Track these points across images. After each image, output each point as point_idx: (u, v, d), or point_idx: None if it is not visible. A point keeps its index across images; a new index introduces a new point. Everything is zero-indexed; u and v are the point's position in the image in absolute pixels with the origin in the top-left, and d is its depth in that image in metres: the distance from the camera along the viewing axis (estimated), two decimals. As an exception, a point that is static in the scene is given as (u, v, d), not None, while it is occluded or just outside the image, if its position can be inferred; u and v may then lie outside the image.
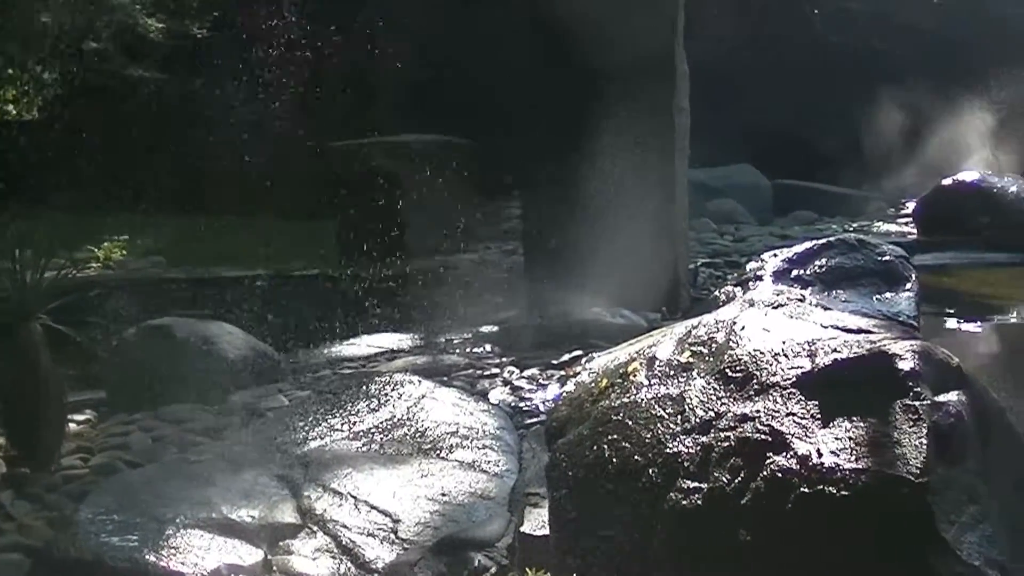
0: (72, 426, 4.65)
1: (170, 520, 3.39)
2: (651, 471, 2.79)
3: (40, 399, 4.16)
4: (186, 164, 13.04)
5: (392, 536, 3.40)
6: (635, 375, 3.20)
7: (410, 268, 8.83)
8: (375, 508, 3.56)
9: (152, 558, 3.18)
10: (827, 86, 15.11)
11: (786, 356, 2.82)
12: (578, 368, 4.32)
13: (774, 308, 3.30)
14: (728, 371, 2.91)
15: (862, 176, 14.40)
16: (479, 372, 5.52)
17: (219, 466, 3.94)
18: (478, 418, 4.48)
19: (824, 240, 5.56)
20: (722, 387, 2.87)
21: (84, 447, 4.46)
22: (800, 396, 2.66)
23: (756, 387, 2.78)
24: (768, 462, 2.53)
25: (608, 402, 3.18)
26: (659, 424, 2.89)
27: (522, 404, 4.87)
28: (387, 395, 4.62)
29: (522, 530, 3.34)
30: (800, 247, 5.49)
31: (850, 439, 2.47)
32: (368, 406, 4.53)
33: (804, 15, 16.80)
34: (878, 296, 5.07)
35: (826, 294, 4.93)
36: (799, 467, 2.47)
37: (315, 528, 3.48)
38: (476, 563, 3.32)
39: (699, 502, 2.63)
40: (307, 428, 4.36)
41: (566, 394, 3.76)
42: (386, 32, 12.59)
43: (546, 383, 5.13)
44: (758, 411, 2.68)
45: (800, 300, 3.76)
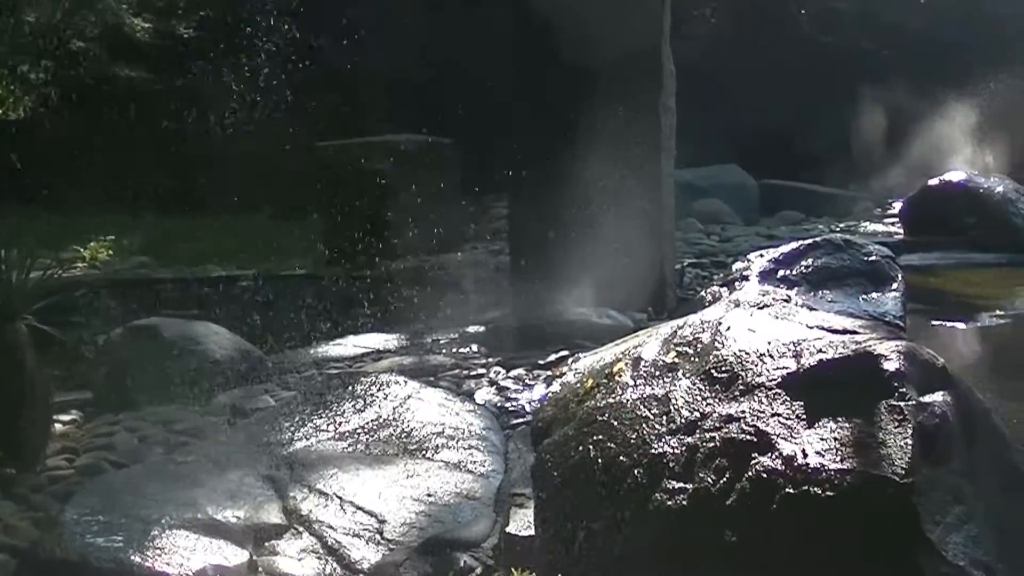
0: (58, 426, 4.63)
1: (155, 521, 3.37)
2: (636, 471, 2.79)
3: (26, 400, 4.14)
4: (173, 164, 13.04)
5: (378, 537, 3.39)
6: (621, 375, 3.20)
7: (396, 268, 8.84)
8: (361, 509, 3.55)
9: (137, 559, 3.16)
10: (814, 86, 15.15)
11: (771, 357, 2.82)
12: (564, 368, 4.32)
13: (760, 308, 3.30)
14: (713, 371, 2.91)
15: (849, 176, 14.44)
16: (465, 372, 5.52)
17: (205, 467, 3.92)
18: (464, 418, 4.47)
19: (810, 240, 5.59)
20: (707, 388, 2.87)
21: (70, 447, 4.44)
22: (785, 397, 2.65)
23: (741, 387, 2.78)
24: (753, 463, 2.53)
25: (593, 402, 3.18)
26: (644, 424, 2.89)
27: (508, 404, 4.86)
28: (373, 395, 4.61)
29: (508, 530, 3.34)
30: (786, 247, 5.53)
31: (835, 439, 2.46)
32: (354, 406, 4.52)
33: (791, 15, 16.85)
34: (864, 296, 5.09)
35: (812, 294, 4.95)
36: (784, 468, 2.47)
37: (301, 529, 3.47)
38: (462, 563, 3.31)
39: (684, 503, 2.62)
40: (293, 428, 4.34)
41: (552, 394, 3.76)
42: (372, 31, 12.60)
43: (532, 383, 5.12)
44: (743, 412, 2.68)
45: (786, 300, 3.76)
